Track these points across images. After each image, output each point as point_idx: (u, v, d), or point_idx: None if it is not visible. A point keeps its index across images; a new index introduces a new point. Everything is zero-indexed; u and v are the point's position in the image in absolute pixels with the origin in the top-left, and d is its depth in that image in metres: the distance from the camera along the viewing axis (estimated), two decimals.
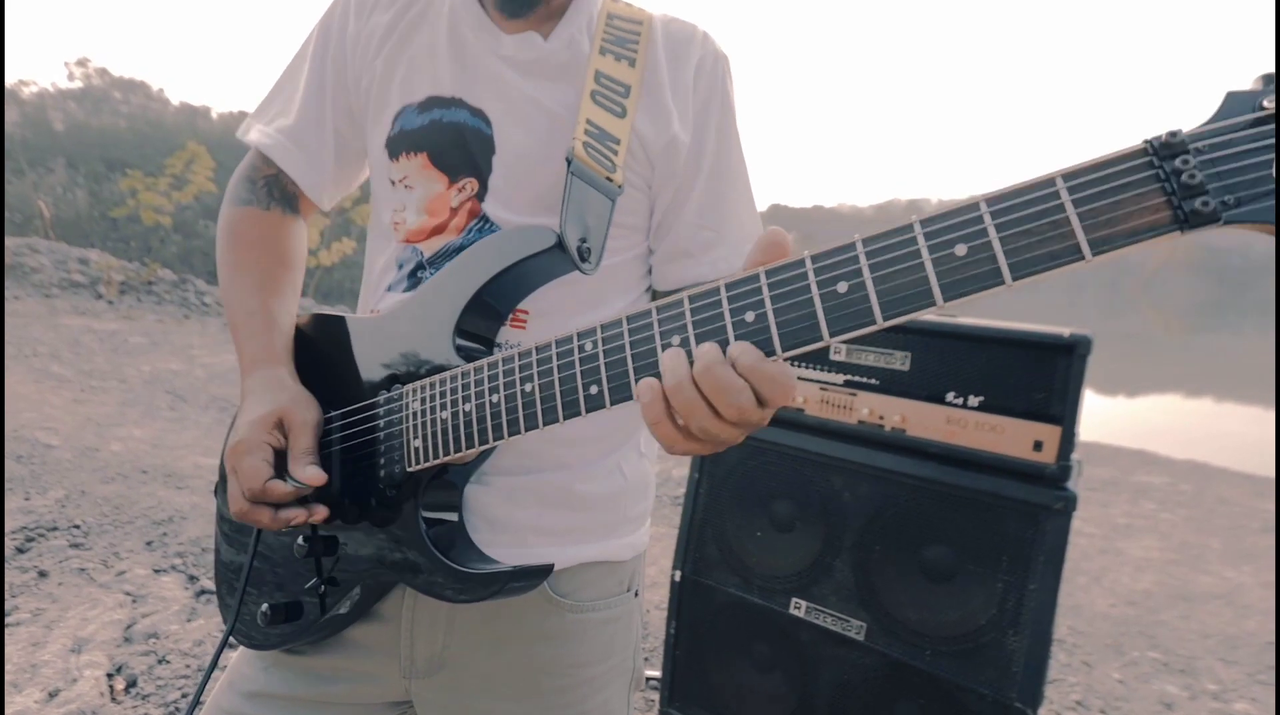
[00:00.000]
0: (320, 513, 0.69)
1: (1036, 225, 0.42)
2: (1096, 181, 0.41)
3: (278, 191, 0.86)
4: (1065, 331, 1.28)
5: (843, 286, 0.46)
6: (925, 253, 0.44)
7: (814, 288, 0.47)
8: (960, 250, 0.43)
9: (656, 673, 1.76)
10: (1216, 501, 5.14)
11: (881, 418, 1.45)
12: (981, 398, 1.35)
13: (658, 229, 0.81)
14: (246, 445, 0.68)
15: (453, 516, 0.71)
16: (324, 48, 0.84)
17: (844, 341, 0.46)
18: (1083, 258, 0.40)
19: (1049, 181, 0.42)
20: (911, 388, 1.43)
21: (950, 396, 1.38)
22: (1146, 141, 0.40)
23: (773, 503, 1.55)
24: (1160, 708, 2.44)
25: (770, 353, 0.48)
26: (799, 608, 1.49)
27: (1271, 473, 5.95)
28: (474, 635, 0.77)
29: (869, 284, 0.46)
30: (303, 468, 0.67)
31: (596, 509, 0.80)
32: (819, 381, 1.54)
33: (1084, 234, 0.40)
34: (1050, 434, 1.28)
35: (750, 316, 0.49)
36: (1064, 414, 1.27)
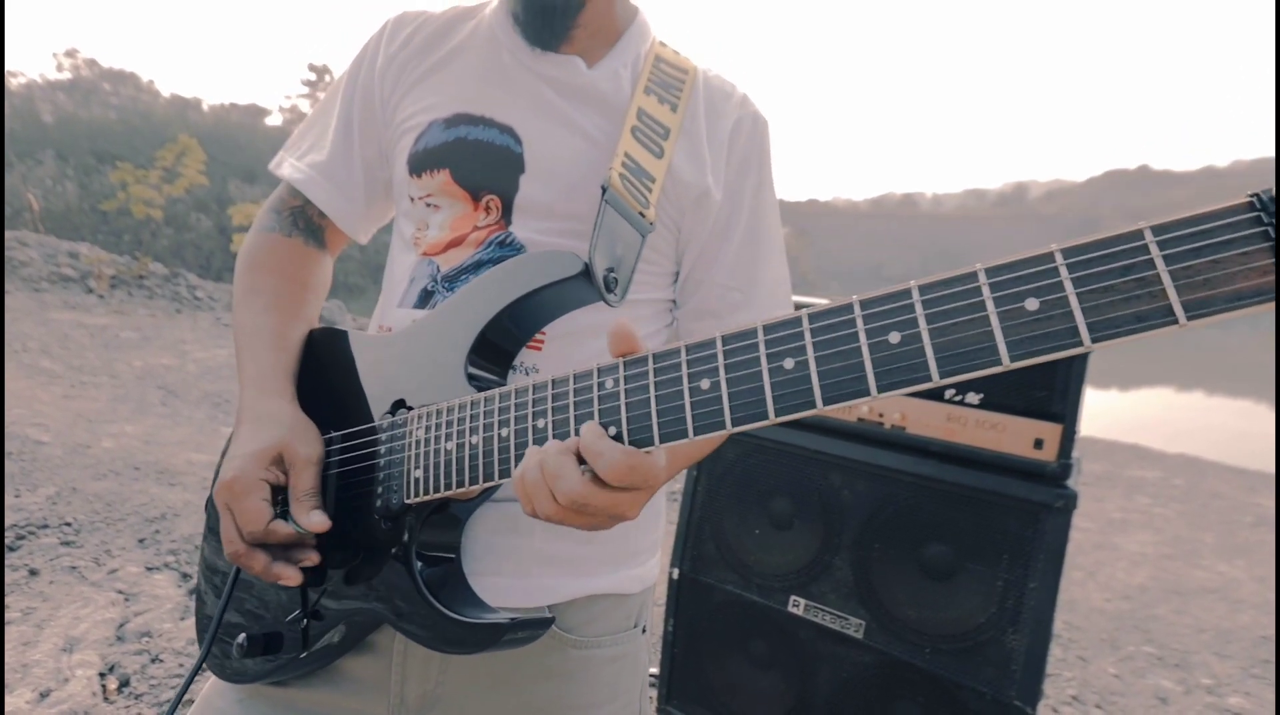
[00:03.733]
0: (311, 558, 0.65)
1: (1121, 282, 0.37)
2: (1193, 237, 0.36)
3: (302, 222, 0.85)
4: None
5: (895, 337, 0.42)
6: (990, 305, 0.40)
7: (863, 336, 0.43)
8: (1031, 305, 0.39)
9: (654, 670, 1.75)
10: (1209, 496, 5.17)
11: (881, 415, 1.44)
12: (982, 395, 1.35)
13: (686, 284, 0.80)
14: (243, 483, 0.64)
15: (450, 555, 0.67)
16: (353, 83, 0.85)
17: (891, 397, 0.43)
18: (1175, 321, 0.36)
19: (1136, 234, 0.38)
20: None
21: (950, 394, 1.37)
22: (1253, 195, 0.36)
23: (771, 500, 1.54)
24: (1155, 702, 2.45)
25: (809, 405, 0.45)
26: (798, 605, 1.48)
27: (1263, 466, 5.99)
28: (470, 672, 0.73)
29: (925, 336, 0.41)
30: (306, 513, 0.64)
31: (605, 539, 0.76)
32: None
33: (1177, 294, 0.36)
34: (1051, 432, 1.27)
35: (789, 363, 0.45)
36: (1065, 412, 1.27)
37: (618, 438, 0.51)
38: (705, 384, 0.48)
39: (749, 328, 0.48)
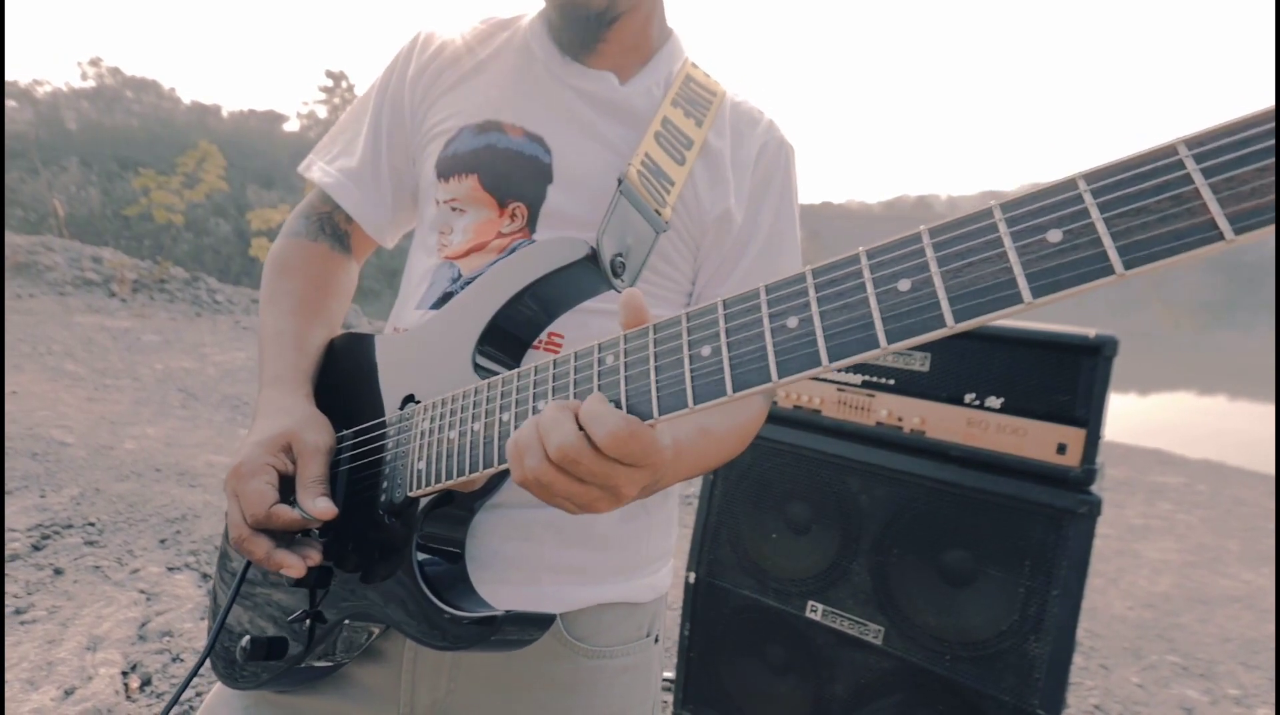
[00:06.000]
0: (315, 557, 0.64)
1: (1154, 202, 0.34)
2: (1234, 145, 0.33)
3: (329, 227, 0.86)
4: (1090, 332, 1.25)
5: (904, 283, 0.39)
6: (1008, 241, 0.37)
7: (869, 286, 0.41)
8: (1053, 236, 0.36)
9: (670, 674, 1.75)
10: (1233, 502, 5.08)
11: (900, 419, 1.43)
12: (1003, 399, 1.33)
13: (696, 302, 0.79)
14: (249, 467, 0.64)
15: (454, 551, 0.66)
16: (384, 90, 0.85)
17: (905, 348, 0.40)
18: (1220, 237, 0.32)
19: (1168, 150, 0.34)
20: (931, 389, 1.41)
21: (971, 398, 1.36)
22: None
23: (788, 504, 1.53)
24: (1181, 713, 2.41)
25: (814, 363, 0.42)
26: (815, 611, 1.47)
27: None
28: (481, 680, 0.72)
29: (936, 279, 0.38)
30: (312, 499, 0.63)
31: (617, 546, 0.76)
32: (836, 382, 1.52)
33: (1220, 208, 0.32)
34: (1074, 437, 1.26)
35: (793, 322, 0.43)
36: (1089, 417, 1.25)
37: None
38: (706, 351, 0.46)
39: (751, 290, 0.46)
